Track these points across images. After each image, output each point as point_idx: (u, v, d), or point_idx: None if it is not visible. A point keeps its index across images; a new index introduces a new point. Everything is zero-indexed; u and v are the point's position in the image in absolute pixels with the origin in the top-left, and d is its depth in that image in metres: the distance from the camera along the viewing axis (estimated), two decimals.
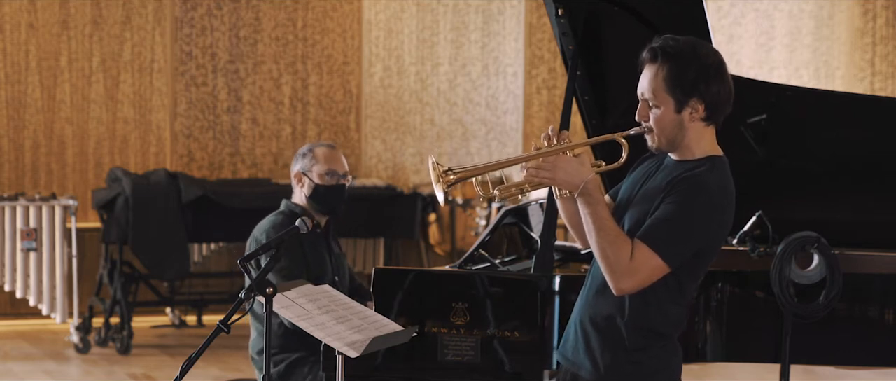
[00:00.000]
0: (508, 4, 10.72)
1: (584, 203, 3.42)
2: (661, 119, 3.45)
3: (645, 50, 3.47)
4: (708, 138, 3.49)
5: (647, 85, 3.46)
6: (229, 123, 10.12)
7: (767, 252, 4.85)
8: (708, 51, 3.46)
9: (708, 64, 3.43)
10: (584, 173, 3.42)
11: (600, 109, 5.13)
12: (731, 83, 3.48)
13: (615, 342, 3.50)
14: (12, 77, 9.58)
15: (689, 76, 3.40)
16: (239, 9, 10.07)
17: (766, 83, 5.35)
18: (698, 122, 3.45)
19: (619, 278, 3.39)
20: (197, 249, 9.14)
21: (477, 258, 4.77)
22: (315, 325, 3.90)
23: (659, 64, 3.43)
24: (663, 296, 3.45)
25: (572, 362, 3.60)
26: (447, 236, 10.10)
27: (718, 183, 3.44)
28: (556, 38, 5.00)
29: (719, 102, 3.44)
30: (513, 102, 10.77)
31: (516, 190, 3.56)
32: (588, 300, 3.58)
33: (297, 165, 5.20)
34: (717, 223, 3.44)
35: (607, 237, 3.39)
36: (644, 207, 3.46)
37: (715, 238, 3.46)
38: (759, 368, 5.23)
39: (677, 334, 3.55)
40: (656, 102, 3.44)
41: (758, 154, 5.12)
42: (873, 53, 11.01)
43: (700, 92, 3.41)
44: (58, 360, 8.30)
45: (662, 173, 3.50)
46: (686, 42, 3.45)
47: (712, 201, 3.41)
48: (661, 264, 3.37)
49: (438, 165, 3.46)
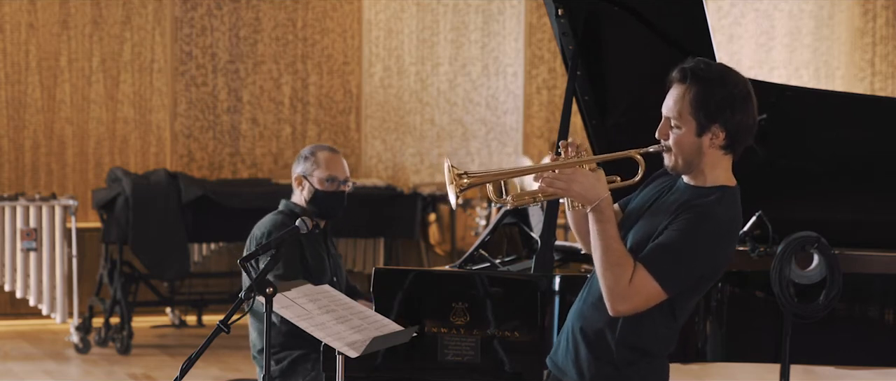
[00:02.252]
0: (508, 4, 10.72)
1: (596, 220, 3.42)
2: (680, 140, 3.44)
3: (675, 69, 3.46)
4: (723, 167, 3.48)
5: (672, 105, 3.45)
6: (229, 123, 10.12)
7: (767, 252, 4.85)
8: (737, 80, 3.45)
9: (735, 93, 3.42)
10: (600, 190, 3.41)
11: (600, 109, 5.13)
12: (756, 116, 3.47)
13: (603, 356, 3.51)
14: (12, 77, 9.58)
15: (714, 101, 3.40)
16: (239, 9, 10.07)
17: (766, 83, 5.34)
18: (717, 149, 3.45)
19: (616, 301, 3.40)
20: (197, 249, 9.14)
21: (477, 258, 4.77)
22: (315, 325, 3.90)
23: (687, 85, 3.42)
24: (656, 318, 3.47)
25: (560, 369, 3.62)
26: (447, 236, 10.10)
27: (727, 214, 3.44)
28: (556, 38, 5.00)
29: (740, 132, 3.44)
30: (513, 102, 10.77)
31: (530, 199, 3.56)
32: (582, 311, 3.59)
33: (299, 167, 5.20)
34: (720, 254, 3.45)
35: (611, 258, 3.39)
36: (651, 225, 3.46)
37: (716, 267, 3.48)
38: (759, 368, 5.23)
39: (666, 353, 3.56)
40: (679, 123, 3.44)
41: (758, 154, 5.11)
42: (873, 53, 11.01)
43: (723, 119, 3.41)
44: (58, 360, 8.30)
45: (674, 195, 3.50)
46: (717, 68, 3.46)
47: (717, 232, 3.42)
48: (660, 291, 3.38)
49: (454, 168, 3.46)
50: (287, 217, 5.08)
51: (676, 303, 3.47)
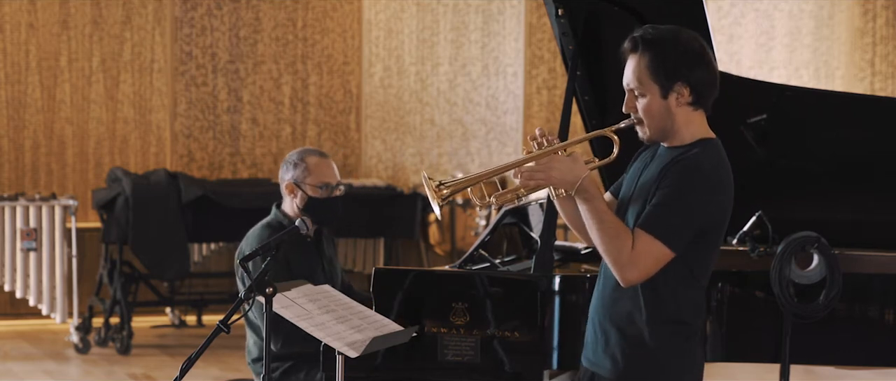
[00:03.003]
0: (508, 4, 10.72)
1: (582, 200, 3.42)
2: (648, 107, 3.46)
3: (626, 41, 3.47)
4: (697, 122, 3.49)
5: (631, 75, 3.47)
6: (229, 123, 10.12)
7: (767, 252, 4.85)
8: (688, 36, 3.48)
9: (688, 48, 3.45)
10: (579, 171, 3.42)
11: (600, 109, 5.13)
12: (716, 67, 3.49)
13: (636, 340, 3.48)
14: (12, 77, 9.58)
15: (670, 61, 3.42)
16: (239, 9, 10.07)
17: (766, 83, 5.35)
18: (685, 106, 3.46)
19: (624, 269, 3.39)
20: (197, 249, 9.14)
21: (477, 258, 4.77)
22: (315, 325, 3.90)
23: (640, 53, 3.45)
24: (674, 283, 3.44)
25: (593, 362, 3.60)
26: (447, 236, 10.10)
27: (711, 162, 3.44)
28: (556, 38, 5.00)
29: (704, 86, 3.46)
30: (513, 102, 10.77)
31: (513, 195, 3.56)
32: (604, 300, 3.57)
33: (289, 174, 5.08)
34: (715, 202, 3.44)
35: (608, 231, 3.39)
36: (643, 199, 3.46)
37: (716, 217, 3.45)
38: (759, 368, 5.23)
39: (698, 321, 3.52)
40: (642, 91, 3.46)
41: (758, 154, 5.11)
42: (873, 53, 11.01)
43: (683, 76, 3.43)
44: (58, 360, 8.30)
45: (656, 163, 3.51)
46: (666, 29, 3.48)
47: (707, 181, 3.41)
48: (664, 249, 3.37)
49: (431, 180, 3.47)
50: (276, 231, 4.95)
51: (691, 261, 3.44)
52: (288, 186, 5.10)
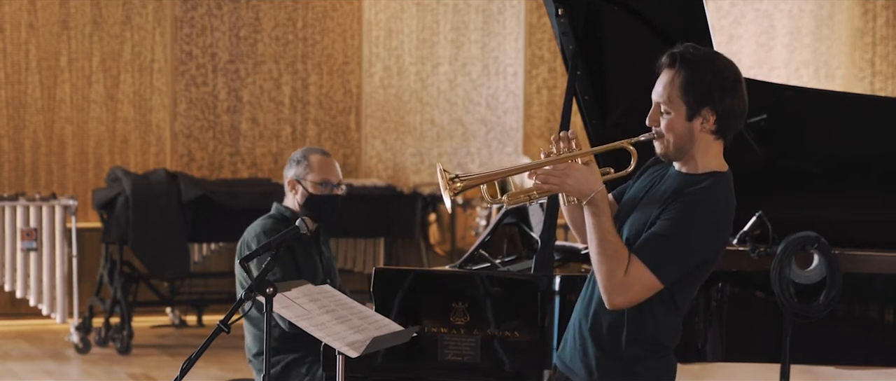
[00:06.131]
0: (508, 4, 10.72)
1: (590, 213, 3.42)
2: (671, 125, 3.44)
3: (664, 55, 3.46)
4: (714, 153, 3.48)
5: (661, 90, 3.45)
6: (229, 123, 10.12)
7: (767, 252, 4.84)
8: (726, 63, 3.45)
9: (724, 76, 3.42)
10: (594, 183, 3.42)
11: (600, 108, 5.13)
12: (746, 100, 3.47)
13: (611, 352, 3.50)
14: (12, 77, 9.58)
15: (704, 84, 3.40)
16: (239, 9, 10.07)
17: (766, 83, 5.34)
18: (708, 134, 3.44)
19: (612, 294, 3.40)
20: (197, 249, 9.13)
21: (477, 258, 4.77)
22: (315, 325, 3.90)
23: (676, 70, 3.43)
24: (657, 311, 3.46)
25: (568, 367, 3.61)
26: (447, 236, 10.10)
27: (718, 200, 3.43)
28: (556, 37, 5.00)
29: (731, 116, 3.43)
30: (513, 102, 10.77)
31: (525, 197, 3.55)
32: (587, 308, 3.58)
33: (292, 171, 5.17)
34: (714, 241, 3.45)
35: (607, 251, 3.39)
36: (645, 216, 3.45)
37: (711, 255, 3.46)
38: (759, 368, 5.23)
39: (674, 344, 3.55)
40: (669, 108, 3.43)
41: (758, 154, 5.11)
42: (873, 53, 11.01)
43: (713, 102, 3.40)
44: (58, 360, 8.30)
45: (666, 184, 3.49)
46: (706, 52, 3.46)
47: (710, 219, 3.41)
48: (655, 281, 3.37)
49: (446, 173, 3.46)
50: (278, 222, 5.06)
51: (676, 292, 3.46)
52: (290, 182, 5.18)
